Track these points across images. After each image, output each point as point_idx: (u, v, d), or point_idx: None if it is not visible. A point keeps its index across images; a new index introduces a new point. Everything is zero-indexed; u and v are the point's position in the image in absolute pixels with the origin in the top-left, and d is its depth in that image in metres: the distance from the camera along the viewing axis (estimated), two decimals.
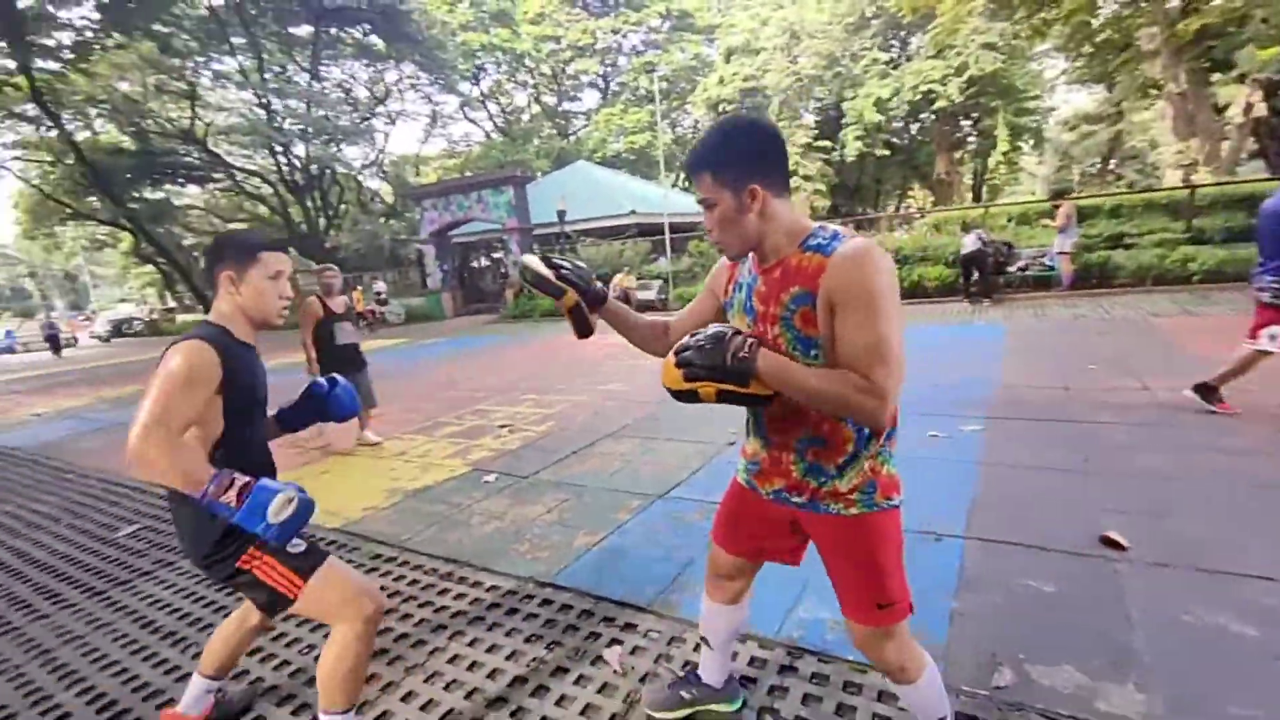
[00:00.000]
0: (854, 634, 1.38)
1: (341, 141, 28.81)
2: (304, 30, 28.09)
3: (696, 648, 2.04)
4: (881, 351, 1.11)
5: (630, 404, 5.78)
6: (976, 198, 35.22)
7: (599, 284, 1.53)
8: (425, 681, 2.07)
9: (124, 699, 2.15)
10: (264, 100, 27.26)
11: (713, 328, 1.26)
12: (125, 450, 1.36)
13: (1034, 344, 6.81)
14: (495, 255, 24.40)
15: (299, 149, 27.50)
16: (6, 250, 61.13)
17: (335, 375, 1.96)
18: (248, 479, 1.41)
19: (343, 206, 31.76)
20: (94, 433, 7.26)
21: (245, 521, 1.36)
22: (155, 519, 3.98)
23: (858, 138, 33.17)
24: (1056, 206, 10.88)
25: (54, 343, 22.77)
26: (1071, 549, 2.48)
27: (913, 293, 12.19)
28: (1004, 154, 29.56)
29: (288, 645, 2.37)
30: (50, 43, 22.07)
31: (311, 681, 1.99)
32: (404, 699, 1.99)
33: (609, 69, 41.95)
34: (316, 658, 1.93)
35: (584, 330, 1.53)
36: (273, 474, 1.66)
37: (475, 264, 25.27)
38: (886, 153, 34.42)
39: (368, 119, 32.27)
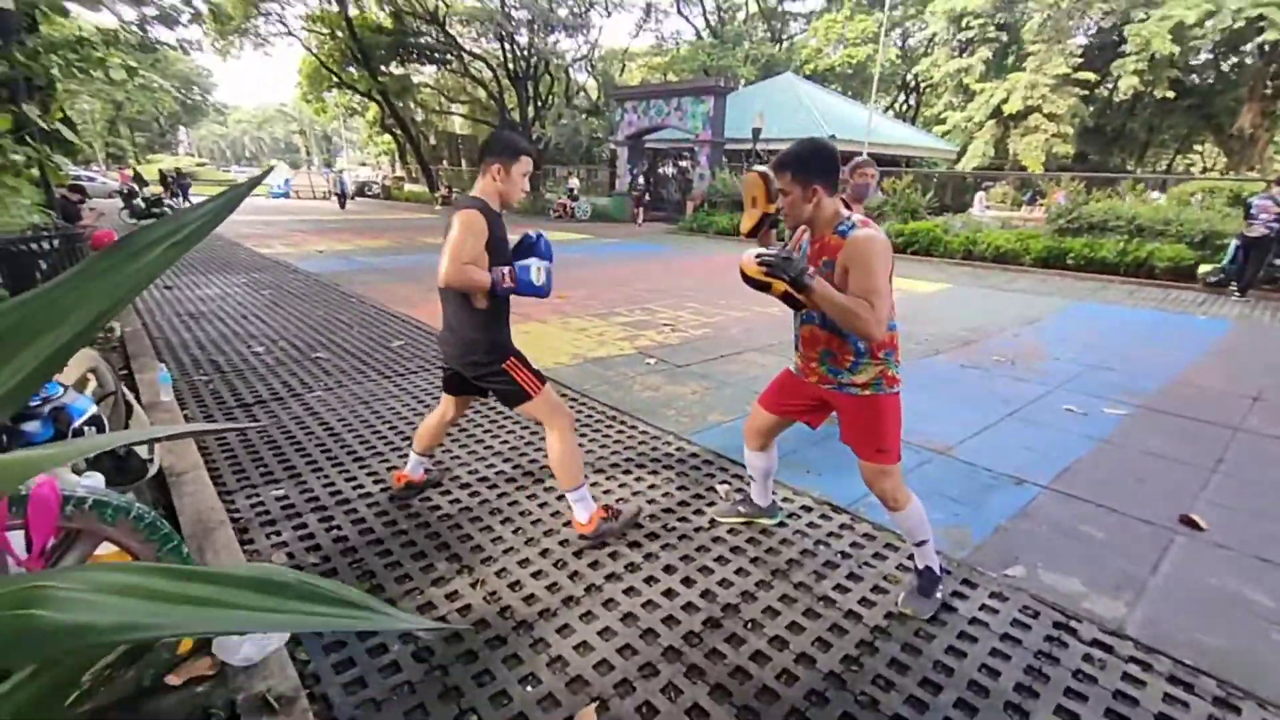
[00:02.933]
0: (863, 471, 2.07)
1: (560, 32, 30.10)
2: None
3: (739, 491, 2.77)
4: (875, 293, 1.79)
5: (785, 326, 6.32)
6: None
7: (806, 269, 1.82)
8: (599, 473, 3.04)
9: (411, 435, 3.39)
10: None
11: (788, 251, 1.85)
12: (437, 276, 2.18)
13: (1254, 348, 6.08)
14: (682, 164, 24.83)
15: (523, 38, 29.32)
16: (286, 109, 73.68)
17: (539, 232, 2.44)
18: (511, 266, 2.21)
19: (551, 98, 33.68)
20: (362, 271, 9.42)
21: (524, 289, 2.19)
22: (412, 339, 5.47)
23: (1136, 71, 27.28)
24: None
25: (341, 198, 25.70)
26: (1143, 518, 2.76)
27: (1134, 271, 10.75)
28: None
29: (463, 454, 3.48)
30: None
31: (472, 474, 3.04)
32: (590, 483, 2.96)
33: None
34: (483, 460, 2.94)
35: (797, 306, 1.99)
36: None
37: (662, 170, 25.94)
38: (1171, 95, 28.01)
39: (588, 9, 33.12)
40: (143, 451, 2.02)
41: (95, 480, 1.88)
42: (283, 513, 2.61)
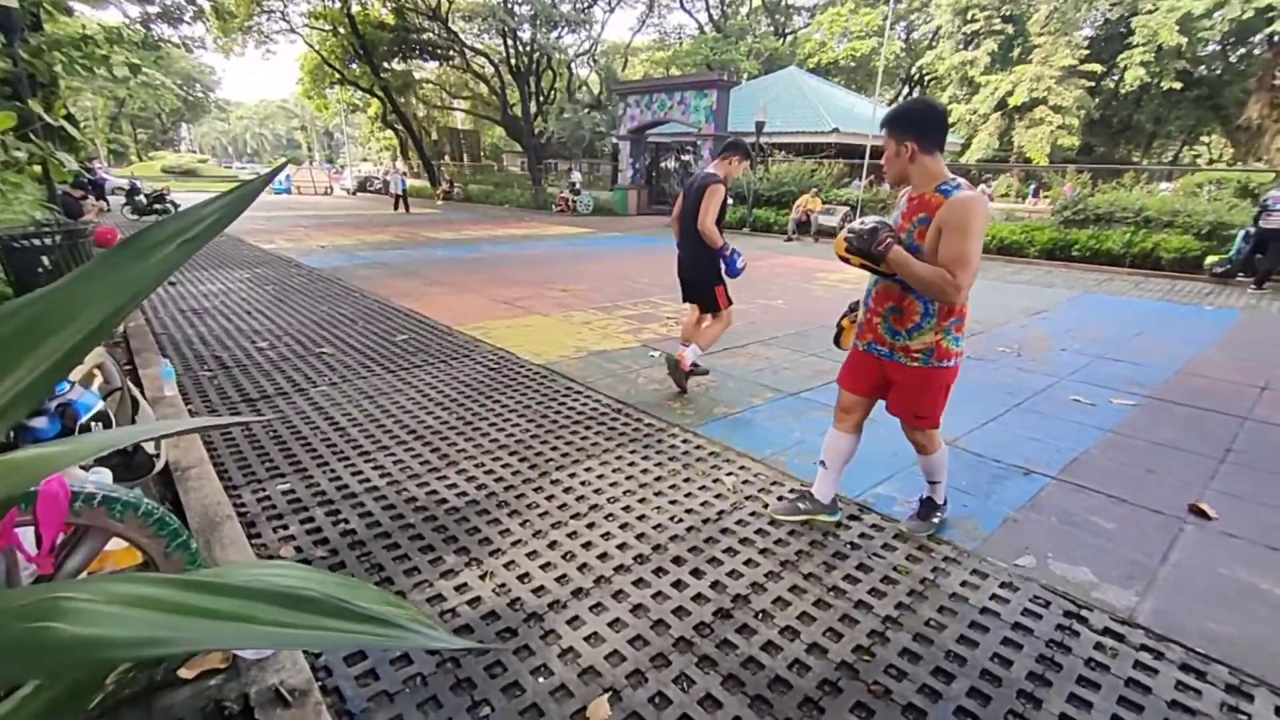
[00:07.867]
0: (904, 426, 2.32)
1: (563, 27, 29.98)
2: None
3: (791, 490, 2.76)
4: (963, 260, 1.85)
5: (787, 320, 6.30)
6: None
7: (881, 243, 1.96)
8: (605, 465, 3.03)
9: (417, 429, 3.41)
10: None
11: (870, 221, 2.00)
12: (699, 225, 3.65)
13: (1262, 338, 6.04)
14: (684, 158, 24.71)
15: (525, 33, 29.22)
16: (288, 105, 73.75)
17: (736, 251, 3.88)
18: (734, 248, 3.82)
19: (553, 93, 33.54)
20: (365, 266, 9.41)
21: (730, 265, 3.82)
22: (416, 334, 5.46)
23: (1143, 63, 27.19)
24: None
25: (400, 198, 21.66)
26: (1153, 508, 2.74)
27: (1141, 262, 10.71)
28: None
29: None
30: None
31: (478, 467, 3.04)
32: (596, 475, 2.97)
33: None
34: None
35: (881, 274, 2.10)
36: None
37: (665, 164, 25.85)
38: (1177, 86, 27.88)
39: (590, 5, 32.95)
40: (149, 446, 2.02)
41: (103, 476, 1.88)
42: (289, 507, 2.61)
